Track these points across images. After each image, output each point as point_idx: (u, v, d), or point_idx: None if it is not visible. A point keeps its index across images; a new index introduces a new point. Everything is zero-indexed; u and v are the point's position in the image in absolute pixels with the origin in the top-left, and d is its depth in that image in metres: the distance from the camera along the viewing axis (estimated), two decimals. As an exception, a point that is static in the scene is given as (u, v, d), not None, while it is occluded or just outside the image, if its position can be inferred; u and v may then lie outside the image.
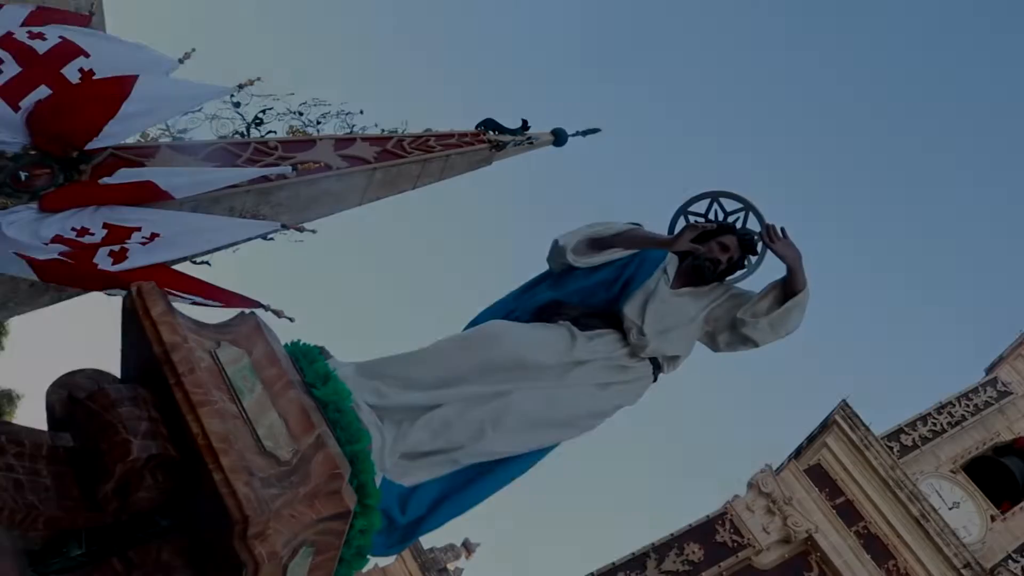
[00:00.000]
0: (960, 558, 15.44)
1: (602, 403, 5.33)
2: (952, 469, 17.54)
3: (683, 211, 6.08)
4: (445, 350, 5.07)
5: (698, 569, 14.06)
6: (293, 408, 4.13)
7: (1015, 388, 19.20)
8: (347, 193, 9.20)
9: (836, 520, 15.43)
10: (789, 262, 5.54)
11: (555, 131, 11.29)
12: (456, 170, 10.27)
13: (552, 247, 5.62)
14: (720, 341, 5.77)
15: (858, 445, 16.12)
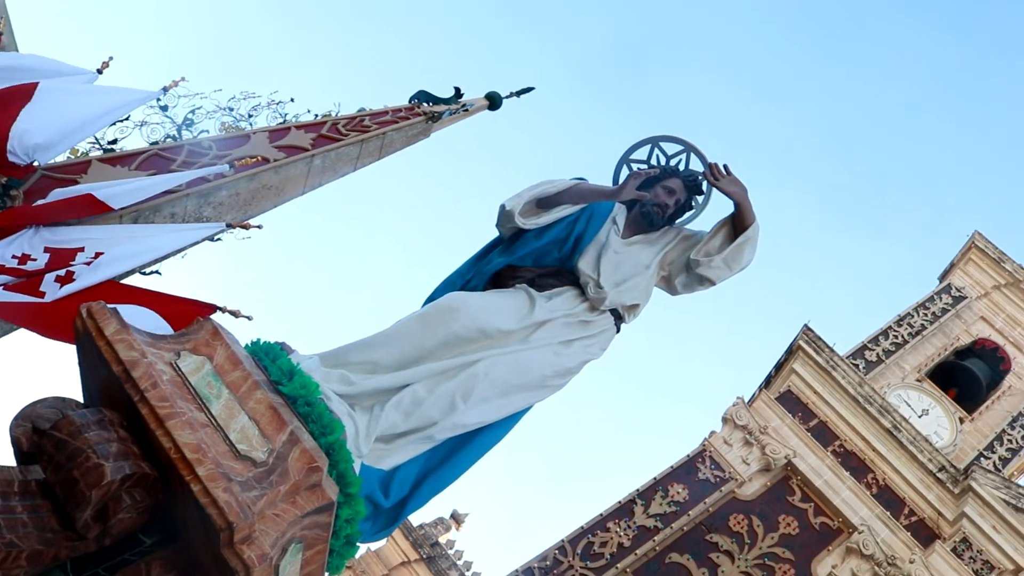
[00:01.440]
0: (935, 462, 15.71)
1: (568, 360, 5.34)
2: (918, 378, 17.82)
3: (625, 160, 6.08)
4: (406, 329, 5.05)
5: (685, 508, 14.20)
6: (262, 408, 4.10)
7: (968, 292, 19.50)
8: (288, 184, 9.13)
9: (812, 442, 15.62)
10: (736, 198, 5.56)
11: (489, 95, 11.27)
12: (395, 146, 10.22)
13: (499, 212, 5.60)
14: (677, 284, 5.79)
15: (824, 367, 16.31)
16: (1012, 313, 19.61)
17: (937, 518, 15.39)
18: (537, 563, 13.14)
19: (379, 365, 4.91)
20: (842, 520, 14.96)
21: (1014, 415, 17.61)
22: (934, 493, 15.56)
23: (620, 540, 13.60)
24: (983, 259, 20.09)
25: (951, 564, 14.60)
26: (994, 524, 15.03)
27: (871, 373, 17.06)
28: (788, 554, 14.46)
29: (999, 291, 19.79)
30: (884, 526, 15.02)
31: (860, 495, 15.30)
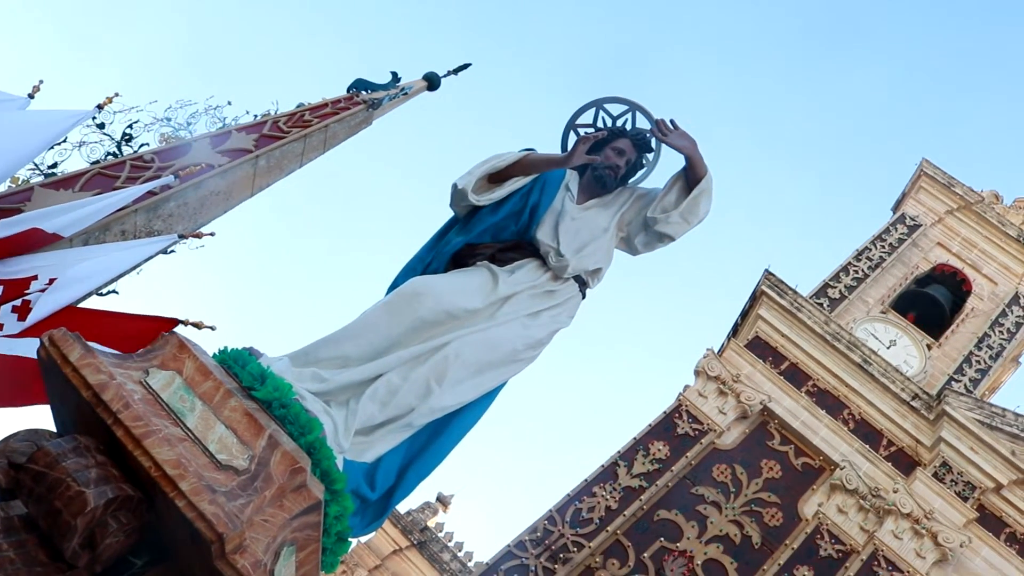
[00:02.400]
0: (908, 391, 15.89)
1: (537, 332, 5.34)
2: (882, 310, 18.00)
3: (571, 126, 6.06)
4: (373, 320, 5.03)
5: (667, 464, 14.29)
6: (238, 416, 4.07)
7: (922, 219, 19.70)
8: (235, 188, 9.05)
9: (785, 385, 15.75)
10: (686, 152, 5.57)
11: (427, 76, 11.21)
12: (338, 138, 10.16)
13: (452, 192, 5.57)
14: (637, 243, 5.80)
15: (789, 309, 16.42)
16: (967, 236, 19.84)
17: (915, 445, 15.59)
18: (528, 535, 13.18)
19: (350, 359, 4.89)
20: (823, 458, 15.12)
21: (980, 336, 17.85)
22: (910, 421, 15.75)
23: (607, 503, 13.67)
24: (933, 186, 20.29)
25: (934, 489, 14.81)
26: (971, 445, 15.25)
27: (836, 310, 17.22)
28: (774, 498, 14.60)
29: (952, 216, 20.01)
30: (865, 459, 15.20)
31: (838, 432, 15.46)
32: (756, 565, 13.81)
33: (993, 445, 15.21)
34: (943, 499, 14.72)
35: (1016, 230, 19.83)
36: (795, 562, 13.81)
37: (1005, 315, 18.35)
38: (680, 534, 13.87)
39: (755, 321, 16.52)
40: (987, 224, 19.96)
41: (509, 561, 12.95)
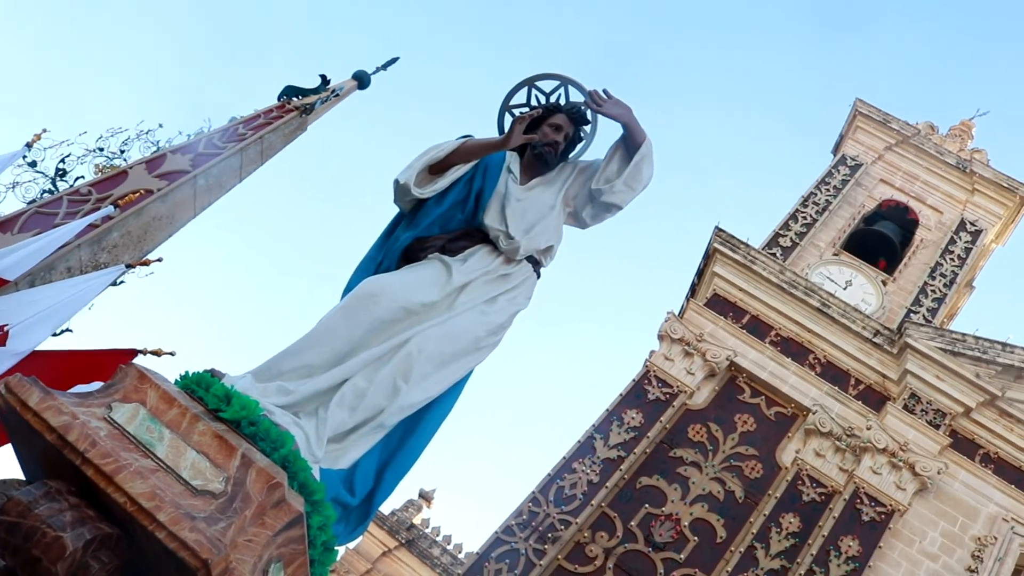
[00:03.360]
0: (869, 329, 16.08)
1: (497, 316, 5.33)
2: (834, 252, 18.18)
3: (505, 108, 6.04)
4: (332, 325, 4.99)
5: (643, 431, 14.37)
6: (207, 439, 4.03)
7: (863, 158, 19.90)
8: (178, 210, 8.96)
9: (749, 338, 15.88)
10: (622, 119, 5.57)
11: (356, 75, 11.15)
12: (275, 148, 10.08)
13: (394, 188, 5.54)
14: (585, 217, 5.80)
15: (743, 263, 16.54)
16: (909, 169, 20.07)
17: (883, 381, 15.79)
18: (514, 520, 13.22)
19: (313, 367, 4.85)
20: (794, 405, 15.28)
21: (932, 266, 18.09)
22: (875, 358, 15.94)
23: (588, 478, 13.73)
24: (869, 124, 20.50)
25: (905, 421, 15.01)
26: (937, 373, 15.47)
27: (789, 258, 17.36)
28: (752, 450, 14.74)
29: (891, 151, 20.23)
30: (835, 401, 15.37)
31: (806, 377, 15.62)
32: (743, 519, 13.95)
33: (958, 371, 15.44)
34: (916, 430, 14.92)
35: (955, 158, 20.08)
36: (780, 511, 13.96)
37: (954, 242, 18.60)
38: (664, 498, 13.97)
39: (711, 279, 16.63)
40: (926, 155, 20.20)
41: (499, 548, 12.98)
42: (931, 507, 14.50)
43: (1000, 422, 15.49)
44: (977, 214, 19.42)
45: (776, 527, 13.77)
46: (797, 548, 13.61)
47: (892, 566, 13.76)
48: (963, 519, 14.49)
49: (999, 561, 14.05)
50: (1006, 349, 16.03)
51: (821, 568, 13.26)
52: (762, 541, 13.61)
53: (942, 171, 20.03)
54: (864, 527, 13.84)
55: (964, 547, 14.19)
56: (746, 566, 13.31)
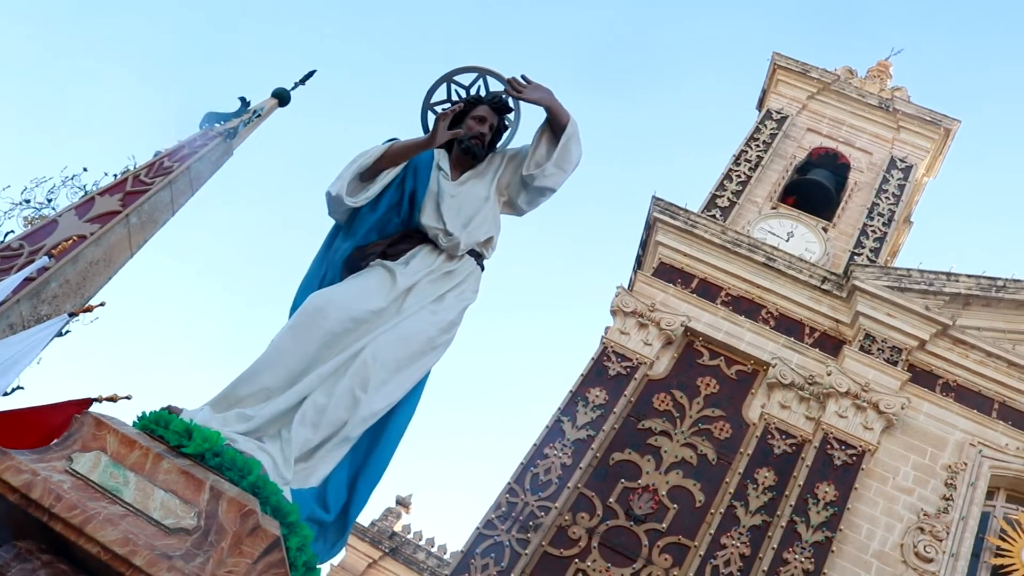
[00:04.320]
0: (816, 276, 16.27)
1: (447, 314, 5.32)
2: (772, 206, 18.36)
3: (427, 107, 6.03)
4: (283, 345, 4.97)
5: (609, 408, 14.43)
6: (174, 476, 4.01)
7: (788, 110, 20.11)
8: (114, 252, 8.87)
9: (700, 301, 16.00)
10: (543, 103, 5.58)
11: (275, 93, 11.07)
12: (203, 177, 9.99)
13: (327, 201, 5.51)
14: (521, 204, 5.81)
15: (685, 228, 16.65)
16: (834, 115, 20.32)
17: (836, 326, 15.99)
18: (493, 513, 13.23)
19: (271, 390, 4.83)
20: (754, 361, 15.43)
21: (869, 207, 18.34)
22: (825, 304, 16.14)
23: (561, 461, 13.78)
24: (789, 76, 20.71)
25: (864, 362, 15.22)
26: (887, 311, 15.69)
27: (729, 218, 17.51)
28: (718, 411, 14.87)
29: (814, 100, 20.47)
30: (793, 352, 15.55)
31: (761, 332, 15.78)
32: (718, 480, 14.07)
33: (908, 306, 15.68)
34: (875, 369, 15.14)
35: (876, 99, 20.36)
36: (754, 467, 14.10)
37: (887, 181, 18.87)
38: (639, 471, 14.05)
39: (656, 248, 16.73)
40: (849, 100, 20.47)
41: (482, 543, 12.99)
42: (900, 443, 14.72)
43: (955, 350, 15.75)
44: (905, 151, 19.69)
45: (752, 484, 13.91)
46: (775, 501, 13.76)
47: (870, 505, 13.96)
48: (932, 450, 14.73)
49: (972, 486, 14.30)
50: (951, 279, 16.29)
51: (801, 517, 13.43)
52: (740, 499, 13.74)
53: (866, 113, 20.30)
54: (838, 471, 14.02)
55: (937, 477, 14.43)
56: (728, 526, 13.44)
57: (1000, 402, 15.38)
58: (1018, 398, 15.43)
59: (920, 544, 13.54)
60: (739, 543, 13.28)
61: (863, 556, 13.45)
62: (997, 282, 16.42)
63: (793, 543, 13.19)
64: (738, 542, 13.29)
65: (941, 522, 13.85)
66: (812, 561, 13.05)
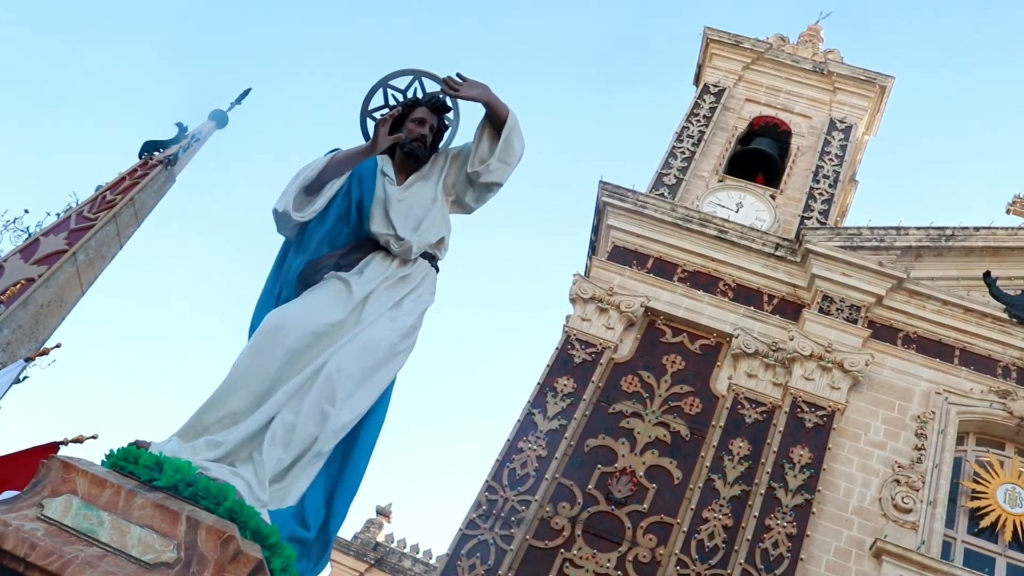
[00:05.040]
0: (769, 244, 16.40)
1: (406, 319, 5.31)
2: (719, 179, 18.47)
3: (366, 114, 6.01)
4: (246, 367, 4.92)
5: (578, 396, 14.47)
6: (148, 511, 3.97)
7: (724, 83, 20.23)
8: (65, 291, 8.76)
9: (657, 280, 16.08)
10: (481, 99, 5.57)
11: (212, 115, 10.98)
12: (148, 206, 9.90)
13: (275, 218, 5.47)
14: (469, 201, 5.80)
15: (635, 210, 16.72)
16: (770, 83, 20.47)
17: (794, 291, 16.13)
18: (474, 513, 13.23)
19: (238, 413, 4.79)
20: (716, 334, 15.53)
21: (814, 170, 18.50)
22: (781, 271, 16.28)
23: (537, 453, 13.79)
24: (723, 49, 20.83)
25: (824, 323, 15.37)
26: (842, 271, 15.86)
27: (677, 195, 17.60)
28: (686, 387, 14.95)
29: (750, 70, 20.60)
30: (754, 321, 15.66)
31: (721, 305, 15.88)
32: (694, 455, 14.15)
33: (861, 263, 15.86)
34: (836, 329, 15.29)
35: (810, 63, 20.53)
36: (727, 438, 14.20)
37: (829, 143, 19.04)
38: (614, 455, 14.10)
39: (608, 232, 16.79)
40: (784, 67, 20.63)
41: (467, 543, 12.99)
42: (867, 399, 14.89)
43: (912, 302, 15.95)
44: (844, 111, 19.87)
45: (728, 455, 14.01)
46: (752, 470, 13.87)
47: (844, 464, 14.11)
48: (899, 402, 14.91)
49: (942, 433, 14.49)
50: (901, 233, 16.49)
51: (779, 483, 13.54)
52: (718, 472, 13.83)
53: (802, 78, 20.46)
54: (810, 434, 14.15)
55: (907, 428, 14.61)
56: (708, 500, 13.52)
57: (961, 348, 15.60)
58: (977, 343, 15.66)
59: (898, 496, 13.70)
60: (721, 515, 13.37)
61: (843, 514, 13.59)
62: (946, 231, 16.65)
63: (774, 509, 13.31)
64: (720, 514, 13.38)
65: (916, 472, 14.02)
66: (794, 525, 13.16)
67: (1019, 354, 15.59)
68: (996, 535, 13.94)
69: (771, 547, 12.94)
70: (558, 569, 12.91)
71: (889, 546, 13.04)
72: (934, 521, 13.57)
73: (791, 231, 17.08)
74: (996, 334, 15.77)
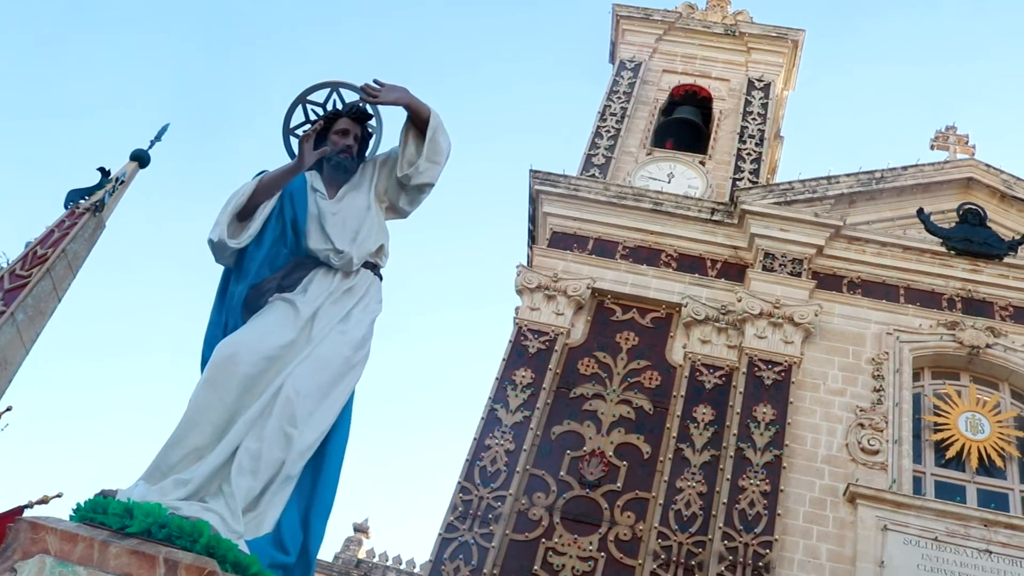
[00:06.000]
0: (705, 210, 16.57)
1: (356, 330, 5.30)
2: (647, 152, 18.58)
3: (288, 132, 5.98)
4: (202, 401, 4.89)
5: (537, 385, 14.49)
6: (125, 559, 3.94)
7: (639, 57, 20.35)
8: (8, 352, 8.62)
9: (600, 260, 16.16)
10: (401, 102, 5.57)
11: (134, 155, 10.81)
12: (81, 256, 9.75)
13: (211, 248, 5.42)
14: (403, 205, 5.80)
15: (568, 194, 16.79)
16: (685, 52, 20.64)
17: (736, 253, 16.29)
18: (452, 516, 13.21)
19: (201, 448, 4.76)
20: (665, 306, 15.63)
21: (738, 132, 18.68)
22: (720, 235, 16.44)
23: (505, 447, 13.80)
24: (633, 23, 20.97)
25: (770, 280, 15.54)
26: (780, 226, 16.05)
27: (608, 174, 17.69)
28: (644, 363, 15.03)
29: (663, 41, 20.76)
30: (701, 288, 15.80)
31: (666, 276, 15.99)
32: (660, 428, 14.24)
33: (797, 217, 16.07)
34: (781, 285, 15.48)
35: (721, 27, 20.73)
36: (690, 407, 14.31)
37: (749, 103, 19.24)
38: (582, 439, 14.15)
39: (545, 220, 16.84)
40: (696, 34, 20.82)
41: (448, 547, 12.97)
42: (822, 348, 15.07)
43: (851, 248, 16.19)
44: (760, 70, 20.09)
45: (693, 423, 14.11)
46: (719, 434, 13.98)
47: (808, 415, 14.27)
48: (853, 348, 15.11)
49: (898, 372, 14.71)
50: (832, 181, 16.72)
51: (747, 443, 13.67)
52: (685, 441, 13.92)
53: (715, 43, 20.66)
54: (770, 391, 14.30)
55: (863, 372, 14.81)
56: (680, 470, 13.61)
57: (905, 287, 15.85)
58: (920, 279, 15.93)
59: (864, 439, 13.89)
60: (694, 483, 13.47)
61: (814, 464, 13.75)
62: (875, 175, 16.92)
63: (745, 469, 13.43)
64: (693, 482, 13.48)
65: (878, 414, 14.22)
66: (767, 482, 13.30)
67: (962, 285, 15.89)
68: (963, 463, 14.19)
69: (747, 507, 13.07)
70: (542, 559, 12.93)
71: (862, 489, 13.22)
72: (902, 459, 13.78)
73: (724, 194, 17.24)
74: (937, 268, 16.05)
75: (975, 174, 17.22)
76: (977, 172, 17.24)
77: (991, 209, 16.87)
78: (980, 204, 16.89)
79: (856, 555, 12.67)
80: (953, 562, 12.67)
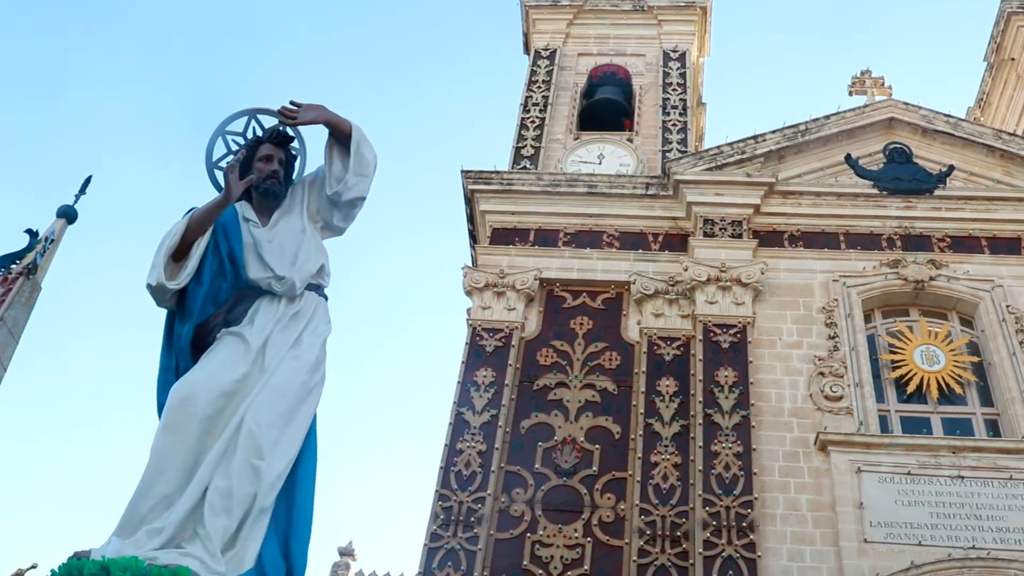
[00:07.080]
0: (639, 186, 16.67)
1: (309, 353, 5.28)
2: (575, 137, 18.65)
3: (211, 166, 5.93)
4: (165, 447, 4.84)
5: (500, 382, 14.47)
6: (107, 616, 3.88)
7: (553, 44, 20.45)
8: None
9: (543, 251, 16.19)
10: (320, 120, 5.56)
11: (60, 212, 10.70)
12: (21, 321, 9.62)
13: (151, 293, 5.37)
14: (337, 222, 5.79)
15: (503, 189, 16.82)
16: (598, 33, 20.76)
17: (676, 223, 16.41)
18: (434, 525, 13.17)
19: (170, 495, 4.72)
20: (614, 286, 15.70)
21: (661, 105, 18.82)
22: (658, 208, 16.55)
23: (477, 449, 13.78)
24: (542, 12, 21.04)
25: (712, 245, 15.68)
26: (715, 191, 16.21)
27: (539, 163, 17.73)
28: (601, 345, 15.08)
29: (574, 26, 20.87)
30: (647, 263, 15.89)
31: (611, 257, 16.07)
32: (626, 407, 14.30)
33: (729, 179, 16.25)
34: (724, 248, 15.63)
35: (629, 3, 20.92)
36: (653, 381, 14.38)
37: (668, 75, 19.40)
38: (551, 429, 14.17)
39: (483, 218, 16.86)
40: (605, 13, 20.95)
41: (436, 556, 12.93)
42: (772, 305, 15.22)
43: (787, 203, 16.38)
44: (673, 41, 20.26)
45: (658, 396, 14.18)
46: (685, 404, 14.06)
47: (768, 372, 14.40)
48: (803, 300, 15.28)
49: (849, 317, 14.89)
50: (759, 140, 16.90)
51: (713, 408, 13.76)
52: (653, 416, 13.98)
53: (625, 20, 20.81)
54: (728, 354, 14.41)
55: (816, 322, 14.98)
56: (652, 445, 13.66)
57: (844, 233, 16.06)
58: (857, 223, 16.15)
59: (826, 387, 14.04)
60: (668, 455, 13.53)
61: (781, 419, 13.87)
62: (800, 128, 17.13)
63: (716, 434, 13.52)
64: (667, 455, 13.54)
65: (836, 360, 14.38)
66: (739, 443, 13.39)
67: (898, 223, 16.12)
68: (924, 396, 14.38)
69: (723, 471, 13.15)
70: (530, 554, 12.93)
71: (831, 436, 13.36)
72: (865, 400, 13.94)
73: (656, 168, 17.35)
74: (872, 210, 16.28)
75: (895, 113, 17.48)
76: (897, 111, 17.50)
77: (915, 145, 17.14)
78: (904, 142, 17.17)
79: (835, 500, 12.80)
80: (928, 492, 12.84)
